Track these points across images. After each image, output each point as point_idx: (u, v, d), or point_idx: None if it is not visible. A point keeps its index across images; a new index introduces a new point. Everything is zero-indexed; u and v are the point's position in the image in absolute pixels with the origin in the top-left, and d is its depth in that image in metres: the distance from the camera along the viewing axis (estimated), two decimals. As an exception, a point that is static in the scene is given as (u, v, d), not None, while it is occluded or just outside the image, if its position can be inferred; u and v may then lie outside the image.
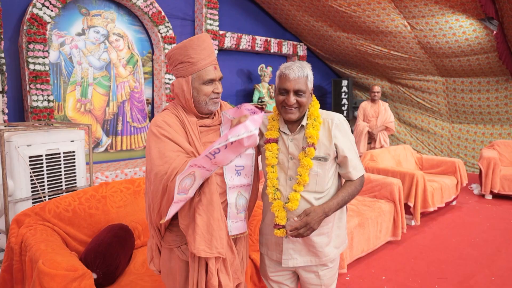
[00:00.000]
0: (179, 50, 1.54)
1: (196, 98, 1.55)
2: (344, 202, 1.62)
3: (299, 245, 1.68)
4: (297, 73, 1.56)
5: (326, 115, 1.68)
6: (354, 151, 1.67)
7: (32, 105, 4.81)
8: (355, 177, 1.66)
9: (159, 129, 1.49)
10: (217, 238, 1.44)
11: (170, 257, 1.59)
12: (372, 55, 7.76)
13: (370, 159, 4.64)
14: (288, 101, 1.58)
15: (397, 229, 3.73)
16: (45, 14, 4.85)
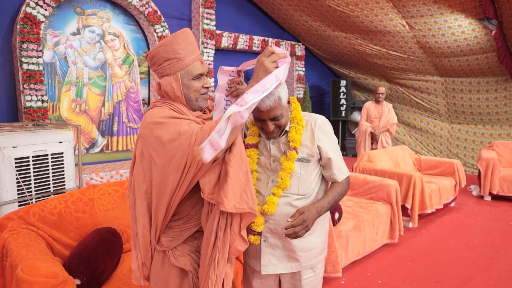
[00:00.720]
0: (164, 47, 1.47)
1: (186, 95, 1.49)
2: (334, 201, 1.58)
3: (279, 251, 1.63)
4: (267, 102, 1.46)
5: (308, 116, 1.65)
6: (338, 153, 1.64)
7: (25, 105, 4.75)
8: (340, 179, 1.63)
9: (159, 115, 1.38)
10: (247, 192, 1.37)
11: (163, 263, 1.50)
12: (370, 55, 7.71)
13: (367, 160, 4.58)
14: (267, 129, 1.54)
15: (394, 232, 3.67)
16: (39, 13, 4.79)
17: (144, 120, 1.43)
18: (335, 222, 3.01)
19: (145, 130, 1.41)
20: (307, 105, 8.01)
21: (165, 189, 1.40)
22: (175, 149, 1.34)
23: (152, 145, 1.39)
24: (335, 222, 3.02)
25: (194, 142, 1.31)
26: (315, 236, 1.66)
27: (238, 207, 1.34)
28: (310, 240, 1.64)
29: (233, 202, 1.33)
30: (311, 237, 1.64)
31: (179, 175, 1.36)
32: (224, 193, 1.32)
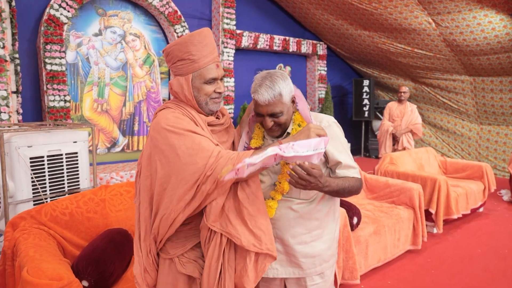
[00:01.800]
0: (179, 46, 1.42)
1: (196, 98, 1.44)
2: (342, 189, 1.47)
3: (281, 255, 1.57)
4: (266, 96, 1.42)
5: (314, 117, 1.56)
6: (348, 155, 1.55)
7: (49, 105, 4.85)
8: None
9: (174, 124, 1.34)
10: (265, 233, 1.35)
11: (169, 271, 1.45)
12: (394, 54, 7.48)
13: (390, 162, 4.41)
14: (265, 125, 1.49)
15: (417, 238, 3.51)
16: (62, 15, 4.89)
17: (157, 123, 1.38)
18: (354, 227, 2.90)
19: (158, 135, 1.36)
20: (329, 105, 7.85)
21: (166, 203, 1.34)
22: (188, 164, 1.30)
23: (163, 153, 1.34)
24: (354, 227, 2.90)
25: (211, 165, 1.28)
26: (320, 242, 1.59)
27: (258, 247, 1.33)
28: (315, 247, 1.57)
29: (252, 241, 1.32)
30: (315, 243, 1.57)
31: (184, 191, 1.31)
32: (241, 230, 1.32)
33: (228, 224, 1.33)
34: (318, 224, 1.57)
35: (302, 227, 1.55)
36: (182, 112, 1.42)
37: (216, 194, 1.31)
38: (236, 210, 1.35)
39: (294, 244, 1.55)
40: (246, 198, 1.35)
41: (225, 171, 1.25)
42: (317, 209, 1.56)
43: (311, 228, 1.56)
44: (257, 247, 1.33)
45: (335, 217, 1.66)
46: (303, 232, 1.55)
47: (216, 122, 1.51)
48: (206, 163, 1.28)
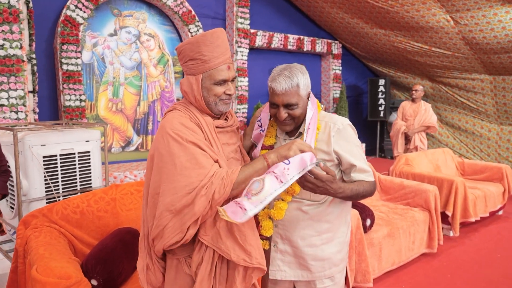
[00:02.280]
0: (191, 45, 1.41)
1: (205, 98, 1.42)
2: (356, 194, 1.44)
3: (289, 257, 1.55)
4: (283, 85, 1.41)
5: (328, 118, 1.53)
6: (362, 158, 1.51)
7: (65, 105, 4.93)
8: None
9: (179, 132, 1.33)
10: (255, 248, 1.35)
11: (176, 272, 1.44)
12: (411, 53, 7.34)
13: (405, 163, 4.32)
14: (279, 116, 1.47)
15: (433, 241, 3.43)
16: (78, 16, 4.96)
17: (163, 127, 1.37)
18: (367, 229, 2.84)
19: (161, 138, 1.36)
20: (344, 105, 7.76)
21: (158, 207, 1.34)
22: (182, 176, 1.29)
23: (162, 157, 1.34)
24: (367, 229, 2.84)
25: (205, 184, 1.27)
26: (330, 245, 1.55)
27: (247, 261, 1.33)
28: (325, 250, 1.54)
29: (243, 256, 1.32)
30: (325, 246, 1.54)
31: (171, 201, 1.29)
32: (231, 245, 1.33)
33: (218, 239, 1.33)
34: (328, 227, 1.54)
35: (312, 229, 1.52)
36: (190, 117, 1.41)
37: (210, 213, 1.31)
38: (226, 225, 1.34)
39: (303, 247, 1.52)
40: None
41: (222, 213, 1.23)
42: (328, 211, 1.53)
43: (321, 230, 1.53)
44: (247, 262, 1.34)
45: (346, 220, 1.62)
46: (312, 235, 1.52)
47: (224, 124, 1.50)
48: (201, 180, 1.28)
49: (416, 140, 5.19)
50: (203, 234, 1.34)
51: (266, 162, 1.32)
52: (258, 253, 1.36)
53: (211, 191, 1.27)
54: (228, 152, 1.49)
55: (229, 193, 1.28)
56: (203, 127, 1.41)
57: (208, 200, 1.27)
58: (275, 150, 1.37)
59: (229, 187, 1.27)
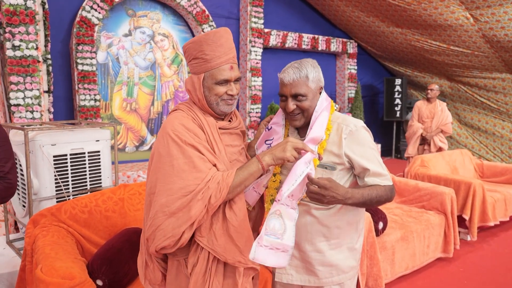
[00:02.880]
0: (194, 44, 1.40)
1: (207, 98, 1.41)
2: (369, 200, 1.35)
3: (296, 261, 1.51)
4: (292, 75, 1.40)
5: (341, 119, 1.47)
6: (377, 161, 1.42)
7: (80, 104, 4.99)
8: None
9: (179, 134, 1.33)
10: (250, 248, 1.32)
11: (177, 273, 1.44)
12: (429, 51, 7.17)
13: (421, 164, 4.21)
14: (287, 108, 1.43)
15: (449, 245, 3.32)
16: (93, 17, 5.01)
17: (164, 127, 1.37)
18: (379, 232, 2.77)
19: (162, 138, 1.35)
20: (359, 105, 7.64)
21: (153, 207, 1.34)
22: (178, 178, 1.28)
23: (160, 157, 1.33)
24: (379, 232, 2.77)
25: (201, 189, 1.26)
26: (339, 252, 1.49)
27: (243, 263, 1.33)
28: (333, 256, 1.48)
29: (238, 258, 1.32)
30: (334, 252, 1.48)
31: (166, 202, 1.28)
32: (228, 247, 1.33)
33: (214, 241, 1.32)
34: (338, 233, 1.48)
35: (320, 234, 1.47)
36: (192, 117, 1.40)
37: (206, 217, 1.30)
38: (222, 227, 1.33)
39: (311, 251, 1.48)
40: (234, 215, 1.33)
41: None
42: (337, 216, 1.47)
43: (330, 236, 1.47)
44: (242, 263, 1.33)
45: (358, 227, 1.55)
46: (321, 240, 1.47)
47: (228, 126, 1.47)
48: (197, 184, 1.27)
49: (437, 142, 5.05)
50: (199, 236, 1.33)
51: (261, 165, 1.32)
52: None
53: (208, 195, 1.26)
54: (231, 154, 1.47)
55: (225, 197, 1.28)
56: (205, 128, 1.39)
57: (204, 205, 1.26)
58: (269, 151, 1.35)
59: (225, 191, 1.27)
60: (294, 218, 1.32)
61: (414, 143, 5.19)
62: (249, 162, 1.35)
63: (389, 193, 1.41)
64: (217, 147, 1.40)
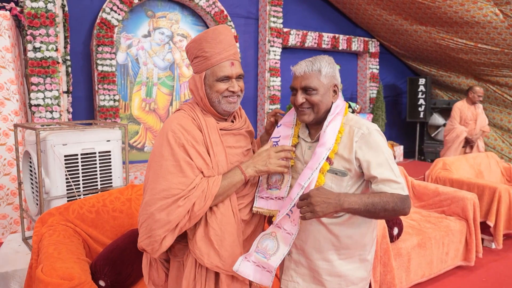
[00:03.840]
0: (194, 43, 1.40)
1: (208, 96, 1.40)
2: (373, 205, 1.23)
3: (303, 269, 1.43)
4: (304, 68, 1.35)
5: (354, 122, 1.38)
6: (389, 166, 1.30)
7: (99, 104, 5.09)
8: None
9: (174, 135, 1.33)
10: (231, 255, 1.32)
11: (178, 274, 1.44)
12: (455, 50, 6.91)
13: (442, 167, 4.04)
14: (296, 101, 1.37)
15: (470, 253, 3.16)
16: (113, 18, 5.10)
17: (163, 127, 1.38)
18: (394, 238, 2.67)
19: (160, 137, 1.36)
20: (380, 105, 7.45)
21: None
22: (164, 179, 1.29)
23: (154, 155, 1.35)
24: (394, 238, 2.67)
25: (184, 195, 1.27)
26: (349, 262, 1.40)
27: (221, 269, 1.32)
28: (342, 266, 1.39)
29: (216, 262, 1.31)
30: (343, 262, 1.40)
31: (148, 200, 1.30)
32: (206, 250, 1.32)
33: (194, 243, 1.32)
34: (349, 243, 1.38)
35: (329, 243, 1.38)
36: (192, 118, 1.39)
37: (188, 225, 1.30)
38: (204, 230, 1.33)
39: (318, 260, 1.39)
40: (215, 219, 1.33)
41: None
42: (348, 225, 1.38)
43: (340, 246, 1.38)
44: (220, 268, 1.31)
45: (372, 236, 1.45)
46: (329, 248, 1.39)
47: (230, 127, 1.45)
48: (181, 189, 1.27)
49: (481, 144, 4.90)
50: (188, 238, 1.35)
51: (244, 176, 1.34)
52: (235, 260, 1.32)
53: (190, 203, 1.26)
54: (233, 155, 1.44)
55: (209, 206, 1.29)
56: (204, 129, 1.38)
57: (185, 212, 1.26)
58: (252, 162, 1.35)
59: (209, 200, 1.28)
60: (289, 244, 1.32)
61: (457, 147, 4.98)
62: (232, 172, 1.35)
63: (399, 202, 1.26)
64: (214, 149, 1.38)
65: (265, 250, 1.31)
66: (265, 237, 1.33)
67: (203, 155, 1.34)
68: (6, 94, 3.49)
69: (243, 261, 1.30)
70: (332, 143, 1.34)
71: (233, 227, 1.35)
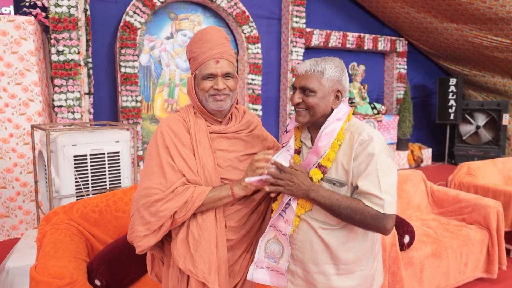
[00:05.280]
0: (187, 46, 1.48)
1: (197, 95, 1.43)
2: (337, 206, 1.22)
3: (299, 281, 1.38)
4: (307, 67, 1.32)
5: (355, 128, 1.30)
6: (377, 181, 1.21)
7: (122, 105, 5.23)
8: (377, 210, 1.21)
9: (162, 136, 1.39)
10: (205, 261, 1.33)
11: (167, 273, 1.47)
12: (489, 48, 6.56)
13: (467, 172, 3.83)
14: (292, 100, 1.34)
15: (492, 265, 2.98)
16: (136, 21, 5.22)
17: (157, 127, 1.43)
18: (404, 246, 2.55)
19: (153, 137, 1.42)
20: (407, 106, 7.19)
21: None
22: (147, 177, 1.36)
23: (146, 156, 1.42)
24: (404, 247, 2.55)
25: (161, 199, 1.31)
26: (349, 278, 1.33)
27: (193, 273, 1.33)
28: (342, 281, 1.33)
29: (189, 266, 1.33)
30: (343, 277, 1.33)
31: (136, 192, 1.40)
32: (183, 252, 1.35)
33: (174, 244, 1.37)
34: (348, 258, 1.31)
35: (327, 256, 1.32)
36: (184, 120, 1.43)
37: (170, 227, 1.37)
38: (185, 232, 1.36)
39: (316, 273, 1.33)
40: (195, 223, 1.35)
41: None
42: (347, 238, 1.31)
43: (339, 260, 1.31)
44: (192, 272, 1.33)
45: (373, 250, 1.38)
46: (328, 262, 1.32)
47: (222, 130, 1.45)
48: (160, 190, 1.32)
49: None
50: (172, 237, 1.40)
51: (231, 192, 1.36)
52: (207, 267, 1.32)
53: (171, 212, 1.30)
54: (225, 160, 1.43)
55: (190, 215, 1.34)
56: (192, 132, 1.40)
57: (167, 217, 1.31)
58: (240, 182, 1.37)
59: (191, 211, 1.32)
60: (288, 244, 1.34)
61: None
62: (223, 187, 1.36)
63: (369, 218, 1.19)
64: (200, 152, 1.38)
65: (273, 254, 1.36)
66: (270, 242, 1.37)
67: (186, 158, 1.35)
68: (30, 96, 3.65)
69: (256, 269, 1.37)
70: (325, 150, 1.29)
71: (211, 235, 1.34)
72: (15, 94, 3.59)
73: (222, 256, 1.36)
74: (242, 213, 1.43)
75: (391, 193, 1.22)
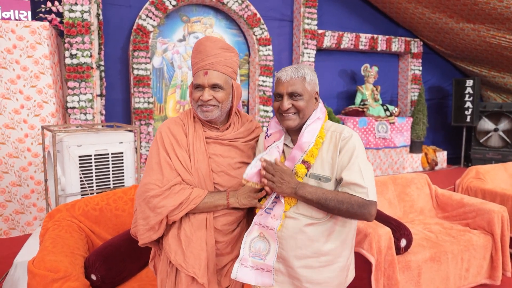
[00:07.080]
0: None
1: (191, 103, 1.51)
2: (324, 199, 1.31)
3: (282, 277, 1.44)
4: (290, 74, 1.41)
5: (335, 128, 1.44)
6: (359, 172, 1.33)
7: (134, 107, 5.37)
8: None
9: (161, 136, 1.49)
10: (196, 257, 1.41)
11: (168, 267, 1.51)
12: (507, 49, 6.39)
13: (475, 176, 3.76)
14: (282, 106, 1.40)
15: (496, 271, 2.92)
16: (148, 24, 5.35)
17: (163, 124, 1.53)
18: (401, 250, 2.54)
19: (155, 136, 1.51)
20: (422, 108, 7.08)
21: None
22: (147, 173, 1.46)
23: (148, 154, 1.52)
24: (401, 250, 2.54)
25: (157, 195, 1.39)
26: (329, 270, 1.42)
27: (183, 268, 1.40)
28: (323, 273, 1.41)
29: (180, 261, 1.41)
30: (324, 269, 1.42)
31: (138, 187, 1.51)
32: (175, 248, 1.43)
33: (166, 240, 1.44)
34: (329, 249, 1.41)
35: (310, 250, 1.40)
36: (183, 123, 1.51)
37: (163, 229, 1.44)
38: (178, 228, 1.44)
39: (298, 267, 1.41)
40: (188, 221, 1.43)
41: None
42: (330, 232, 1.41)
43: (320, 253, 1.40)
44: (183, 267, 1.39)
45: (352, 243, 1.50)
46: (310, 256, 1.40)
47: (217, 136, 1.51)
48: (157, 186, 1.40)
49: None
50: (164, 233, 1.47)
51: (227, 201, 1.44)
52: (198, 263, 1.40)
53: (167, 210, 1.38)
54: (218, 164, 1.50)
55: (183, 214, 1.41)
56: (189, 136, 1.49)
57: (161, 219, 1.40)
58: (237, 194, 1.45)
59: (183, 212, 1.40)
60: (275, 238, 1.37)
61: None
62: (219, 195, 1.44)
63: (356, 206, 1.31)
64: (196, 156, 1.46)
65: (259, 252, 1.38)
66: (255, 240, 1.39)
67: (181, 159, 1.44)
68: (44, 98, 3.82)
69: (240, 267, 1.38)
70: (309, 145, 1.38)
71: (202, 233, 1.43)
72: (30, 96, 3.76)
73: (210, 254, 1.45)
74: (230, 217, 1.50)
75: (371, 182, 1.35)
